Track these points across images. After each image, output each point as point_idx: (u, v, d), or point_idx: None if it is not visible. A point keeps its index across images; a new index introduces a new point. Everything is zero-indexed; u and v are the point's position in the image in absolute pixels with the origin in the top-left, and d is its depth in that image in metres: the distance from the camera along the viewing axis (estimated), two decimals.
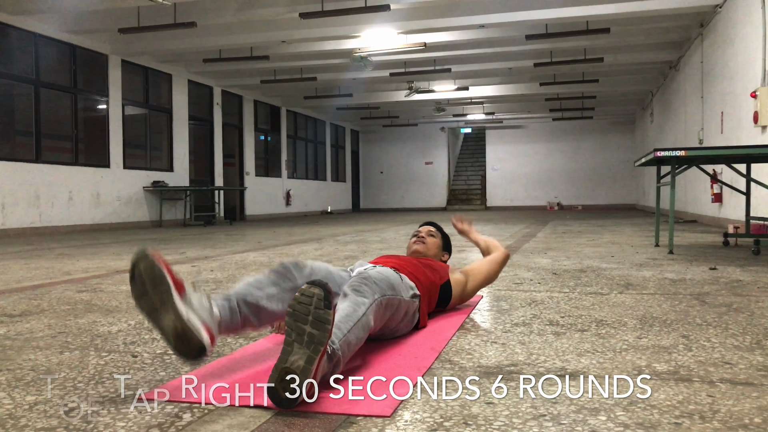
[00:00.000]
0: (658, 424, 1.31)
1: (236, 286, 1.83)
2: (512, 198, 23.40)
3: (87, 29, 10.15)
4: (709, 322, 2.33)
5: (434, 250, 2.67)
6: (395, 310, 1.99)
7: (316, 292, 1.50)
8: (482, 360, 1.84)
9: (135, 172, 11.82)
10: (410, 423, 1.34)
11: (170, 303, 1.55)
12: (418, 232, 2.73)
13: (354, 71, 13.71)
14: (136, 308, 1.59)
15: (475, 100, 17.95)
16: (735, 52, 8.23)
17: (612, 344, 2.01)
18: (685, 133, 11.75)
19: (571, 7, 9.28)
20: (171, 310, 1.54)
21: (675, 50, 12.25)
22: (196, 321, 1.57)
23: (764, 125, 6.87)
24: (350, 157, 23.43)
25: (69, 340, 2.17)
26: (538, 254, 5.13)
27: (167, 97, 12.97)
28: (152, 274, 1.56)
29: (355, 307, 1.74)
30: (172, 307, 1.54)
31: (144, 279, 1.56)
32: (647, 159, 5.24)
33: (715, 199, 9.10)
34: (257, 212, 16.07)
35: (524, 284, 3.40)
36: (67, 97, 10.45)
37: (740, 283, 3.33)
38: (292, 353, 1.44)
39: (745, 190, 5.75)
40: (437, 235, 2.72)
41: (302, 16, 8.88)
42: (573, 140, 22.66)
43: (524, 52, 12.49)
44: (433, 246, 2.67)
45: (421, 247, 2.64)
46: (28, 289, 3.47)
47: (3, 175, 9.06)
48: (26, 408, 1.47)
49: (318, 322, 1.46)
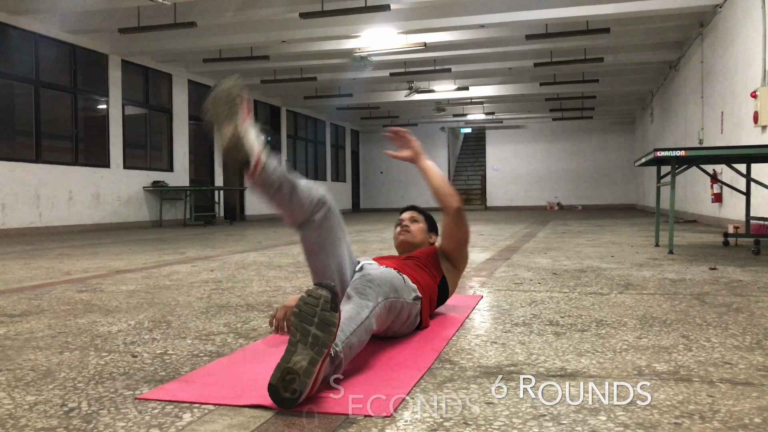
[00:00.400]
0: (658, 424, 1.31)
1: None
2: (512, 198, 23.40)
3: (87, 29, 10.15)
4: (709, 322, 2.33)
5: (420, 235, 2.57)
6: (398, 313, 1.98)
7: (323, 294, 1.49)
8: (482, 360, 1.84)
9: (135, 172, 11.82)
10: (410, 423, 1.34)
11: (236, 118, 1.70)
12: (401, 220, 2.63)
13: (354, 71, 13.71)
14: (205, 113, 1.72)
15: (475, 100, 17.95)
16: (735, 52, 8.23)
17: (612, 344, 2.01)
18: (685, 133, 11.75)
19: (571, 7, 9.28)
20: (234, 123, 1.69)
21: (675, 50, 12.25)
22: (251, 140, 1.72)
23: (764, 125, 6.87)
24: (350, 157, 23.43)
25: (69, 340, 2.17)
26: (538, 254, 5.13)
27: (167, 97, 12.97)
28: (232, 94, 1.71)
29: (358, 309, 1.74)
30: (236, 122, 1.70)
31: (225, 94, 1.71)
32: (647, 159, 5.24)
33: (715, 199, 9.10)
34: (257, 212, 16.07)
35: (524, 284, 3.40)
36: (67, 97, 10.45)
37: (740, 283, 3.33)
38: (296, 353, 1.44)
39: (745, 190, 5.75)
40: (420, 219, 2.63)
41: (302, 16, 8.89)
42: (573, 140, 22.66)
43: (524, 52, 12.49)
44: (419, 232, 2.58)
45: (407, 237, 2.56)
46: (28, 289, 3.47)
47: (3, 175, 9.06)
48: (26, 408, 1.47)
49: (323, 324, 1.46)
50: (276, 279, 3.78)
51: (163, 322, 2.48)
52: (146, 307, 2.82)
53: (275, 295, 3.14)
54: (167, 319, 2.54)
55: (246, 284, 3.56)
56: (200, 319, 2.53)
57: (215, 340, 2.15)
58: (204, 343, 2.12)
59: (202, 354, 1.97)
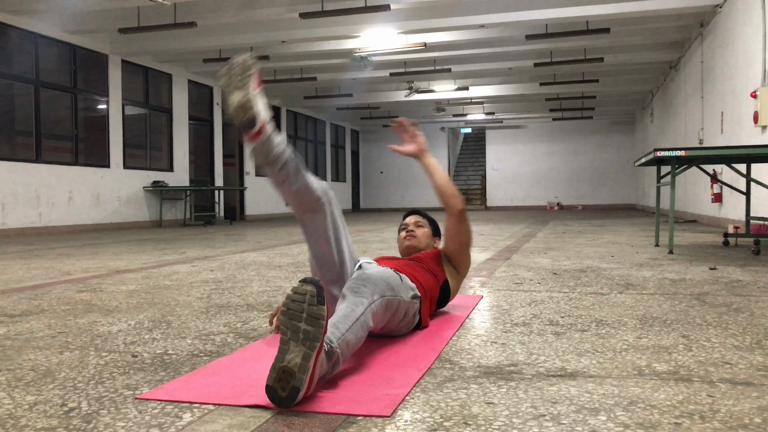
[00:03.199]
0: (658, 424, 1.31)
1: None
2: (512, 198, 23.40)
3: (87, 29, 10.15)
4: (709, 322, 2.33)
5: (425, 240, 2.60)
6: (395, 311, 1.98)
7: (308, 289, 1.50)
8: (482, 360, 1.84)
9: (135, 172, 11.82)
10: (410, 423, 1.34)
11: (248, 86, 1.82)
12: (405, 225, 2.66)
13: (354, 71, 13.71)
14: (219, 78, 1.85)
15: (475, 100, 17.95)
16: (735, 52, 8.23)
17: (612, 344, 2.01)
18: (685, 133, 11.75)
19: (571, 7, 9.29)
20: (246, 90, 1.81)
21: (675, 50, 12.25)
22: (259, 106, 1.83)
23: (764, 125, 6.87)
24: (350, 157, 23.43)
25: (69, 340, 2.17)
26: (538, 254, 5.13)
27: (167, 97, 12.97)
28: (247, 64, 1.84)
29: (353, 307, 1.74)
30: (247, 89, 1.81)
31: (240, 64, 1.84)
32: (647, 159, 5.24)
33: (715, 199, 9.10)
34: (257, 212, 16.08)
35: (524, 284, 3.40)
36: (67, 97, 10.45)
37: (740, 283, 3.33)
38: (289, 351, 1.44)
39: (745, 190, 5.75)
40: (425, 224, 2.65)
41: (302, 16, 8.89)
42: (573, 140, 22.66)
43: (524, 52, 12.50)
44: (424, 237, 2.60)
45: (413, 242, 2.58)
46: (28, 289, 3.47)
47: (3, 175, 9.06)
48: (26, 408, 1.47)
49: (312, 319, 1.47)
50: (276, 279, 3.78)
51: (163, 322, 2.48)
52: (146, 307, 2.82)
53: (275, 295, 3.14)
54: (167, 319, 2.54)
55: (246, 284, 3.56)
56: (200, 319, 2.53)
57: (215, 340, 2.15)
58: (204, 343, 2.12)
59: (202, 354, 1.97)
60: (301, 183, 1.92)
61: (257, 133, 1.82)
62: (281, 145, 1.87)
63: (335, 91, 16.27)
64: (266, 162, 1.89)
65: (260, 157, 1.88)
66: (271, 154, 1.86)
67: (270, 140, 1.85)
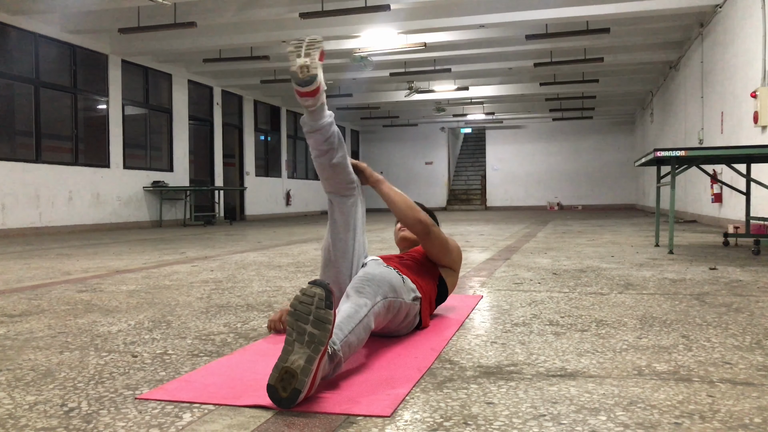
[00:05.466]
0: (658, 424, 1.31)
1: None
2: (512, 198, 23.40)
3: (87, 29, 10.15)
4: (709, 322, 2.33)
5: None
6: (396, 312, 1.99)
7: (317, 292, 1.50)
8: (482, 360, 1.84)
9: (135, 172, 11.82)
10: (410, 423, 1.34)
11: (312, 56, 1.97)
12: None
13: (354, 71, 13.71)
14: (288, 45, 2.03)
15: (475, 100, 17.96)
16: (735, 52, 8.23)
17: (612, 344, 2.01)
18: (685, 133, 11.75)
19: (571, 7, 9.29)
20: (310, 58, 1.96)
21: (675, 50, 12.25)
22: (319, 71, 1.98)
23: (764, 125, 6.87)
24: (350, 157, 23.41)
25: (69, 340, 2.17)
26: (538, 254, 5.13)
27: (167, 97, 12.97)
28: (315, 42, 2.00)
29: (356, 308, 1.74)
30: (311, 57, 1.97)
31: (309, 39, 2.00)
32: (647, 159, 5.24)
33: (715, 199, 9.10)
34: (257, 212, 16.08)
35: (524, 284, 3.40)
36: (67, 97, 10.45)
37: (740, 283, 3.33)
38: (293, 353, 1.44)
39: (745, 190, 5.75)
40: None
41: (302, 16, 8.89)
42: (573, 140, 22.66)
43: (524, 52, 12.50)
44: None
45: (407, 233, 2.58)
46: (28, 289, 3.47)
47: (3, 175, 9.06)
48: (26, 408, 1.47)
49: (319, 322, 1.47)
50: (276, 279, 3.78)
51: (163, 322, 2.48)
52: (146, 307, 2.82)
53: (275, 295, 3.14)
54: (167, 319, 2.54)
55: (246, 284, 3.56)
56: (200, 319, 2.53)
57: (215, 340, 2.15)
58: (204, 343, 2.12)
59: (202, 354, 1.97)
60: (342, 158, 2.08)
61: (314, 91, 1.97)
62: (330, 117, 2.04)
63: (335, 91, 16.27)
64: (316, 128, 2.02)
65: (311, 120, 2.02)
66: (321, 119, 2.01)
67: (323, 107, 2.01)
